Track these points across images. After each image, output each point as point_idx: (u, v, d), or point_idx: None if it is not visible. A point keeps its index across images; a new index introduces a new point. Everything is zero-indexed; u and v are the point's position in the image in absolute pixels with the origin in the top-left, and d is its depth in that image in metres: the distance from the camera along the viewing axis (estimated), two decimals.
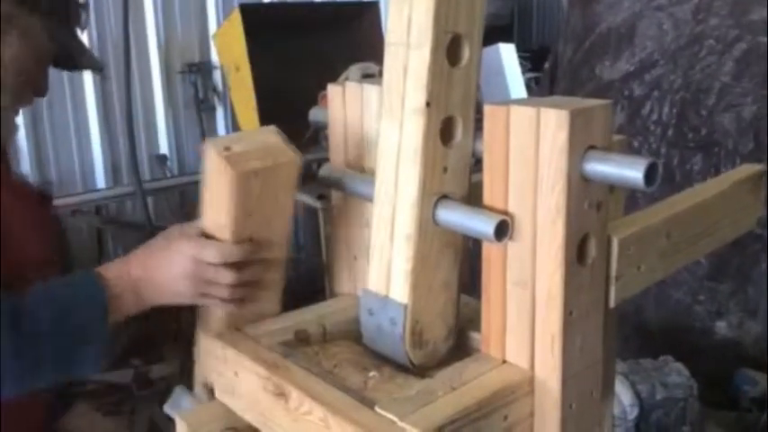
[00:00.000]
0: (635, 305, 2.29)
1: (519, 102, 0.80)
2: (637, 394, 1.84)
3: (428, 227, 0.86)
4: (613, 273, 0.84)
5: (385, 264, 0.88)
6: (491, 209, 0.82)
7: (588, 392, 0.86)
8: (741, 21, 2.20)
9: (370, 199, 0.92)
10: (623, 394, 1.82)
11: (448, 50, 0.83)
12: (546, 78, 2.82)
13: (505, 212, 0.81)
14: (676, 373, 1.92)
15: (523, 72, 4.50)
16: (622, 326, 2.24)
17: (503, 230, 0.79)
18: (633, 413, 1.81)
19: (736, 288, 2.21)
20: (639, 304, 2.30)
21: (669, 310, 2.28)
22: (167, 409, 1.03)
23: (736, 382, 2.18)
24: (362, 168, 1.01)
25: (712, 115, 2.22)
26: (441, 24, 0.81)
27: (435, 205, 0.85)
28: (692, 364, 1.93)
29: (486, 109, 0.81)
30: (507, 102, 0.81)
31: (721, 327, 2.23)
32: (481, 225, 0.80)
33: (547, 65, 2.92)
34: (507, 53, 4.53)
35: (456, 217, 0.84)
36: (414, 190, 0.84)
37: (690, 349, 2.18)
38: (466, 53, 0.85)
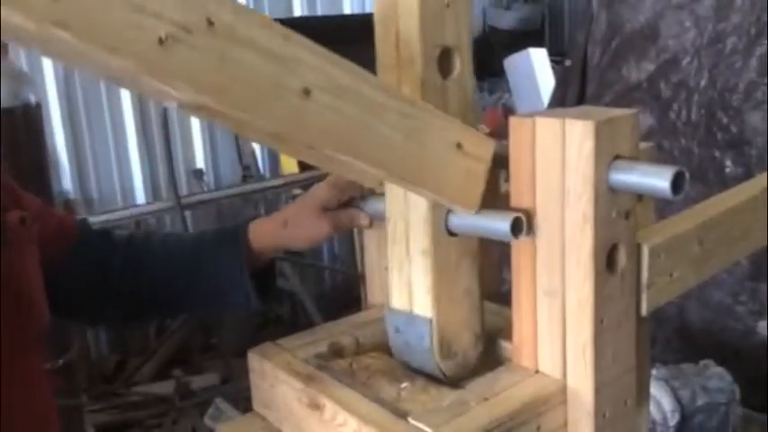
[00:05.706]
0: (677, 306, 2.25)
1: (544, 113, 0.81)
2: (678, 400, 1.82)
3: (442, 238, 0.86)
4: (644, 281, 0.84)
5: (405, 280, 0.89)
6: None
7: (622, 401, 0.85)
8: (762, 16, 2.15)
9: (383, 217, 0.92)
10: (664, 400, 1.79)
11: (439, 63, 0.84)
12: (573, 75, 2.75)
13: (533, 222, 0.82)
14: (718, 378, 1.88)
15: (556, 76, 4.48)
16: (663, 327, 2.22)
17: (518, 227, 0.80)
18: (674, 419, 1.78)
19: None
20: (681, 305, 2.26)
21: (711, 310, 2.24)
22: (208, 420, 1.06)
23: None
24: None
25: (740, 114, 2.18)
26: (428, 39, 0.82)
27: (447, 215, 0.86)
28: (734, 365, 1.89)
29: (512, 121, 0.82)
30: (533, 113, 0.81)
31: (764, 327, 2.19)
32: (496, 225, 0.81)
33: (568, 62, 2.86)
34: (538, 58, 4.52)
35: (469, 222, 0.84)
36: (424, 203, 0.84)
37: (733, 350, 2.14)
38: (457, 64, 0.85)
